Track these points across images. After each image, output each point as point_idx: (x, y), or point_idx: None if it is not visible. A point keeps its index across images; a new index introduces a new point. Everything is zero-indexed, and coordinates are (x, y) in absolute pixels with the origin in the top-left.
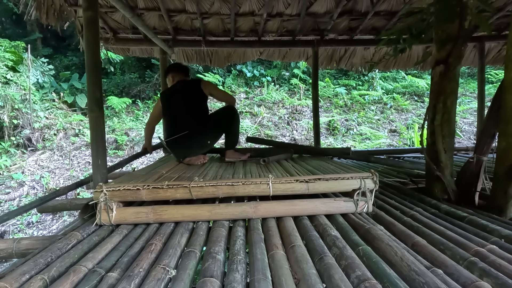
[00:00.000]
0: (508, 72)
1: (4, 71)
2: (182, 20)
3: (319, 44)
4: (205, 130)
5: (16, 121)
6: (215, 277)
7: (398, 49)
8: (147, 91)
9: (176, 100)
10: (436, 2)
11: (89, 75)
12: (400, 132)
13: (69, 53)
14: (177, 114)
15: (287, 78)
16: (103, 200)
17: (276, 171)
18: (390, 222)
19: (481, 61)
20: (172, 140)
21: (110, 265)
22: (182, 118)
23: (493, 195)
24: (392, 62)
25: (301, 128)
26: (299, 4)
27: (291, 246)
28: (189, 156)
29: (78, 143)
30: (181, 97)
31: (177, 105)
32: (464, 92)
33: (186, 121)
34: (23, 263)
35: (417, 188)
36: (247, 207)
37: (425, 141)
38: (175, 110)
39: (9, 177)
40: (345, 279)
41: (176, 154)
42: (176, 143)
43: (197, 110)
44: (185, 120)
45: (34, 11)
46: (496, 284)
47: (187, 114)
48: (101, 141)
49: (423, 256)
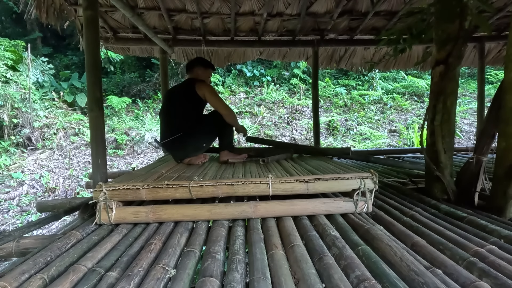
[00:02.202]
0: (508, 72)
1: (4, 70)
2: (182, 20)
3: (319, 44)
4: (199, 133)
5: (16, 120)
6: (214, 276)
7: (398, 49)
8: (147, 91)
9: (173, 100)
10: (436, 2)
11: (89, 74)
12: (400, 132)
13: (69, 52)
14: (171, 115)
15: (287, 78)
16: (103, 199)
17: (276, 171)
18: (390, 222)
19: (481, 61)
20: (169, 142)
21: (110, 265)
22: (176, 119)
23: (493, 196)
24: (392, 62)
25: (301, 128)
26: (299, 4)
27: (290, 246)
28: (187, 157)
29: (78, 143)
30: (177, 97)
31: (172, 105)
32: (464, 93)
33: (179, 123)
34: (23, 262)
35: (417, 188)
36: (246, 207)
37: (425, 141)
38: (169, 111)
39: (8, 176)
40: (344, 279)
41: (173, 156)
42: (173, 145)
43: (190, 112)
44: (179, 122)
45: (34, 10)
46: (496, 284)
47: (181, 116)
48: (101, 140)
49: (423, 256)
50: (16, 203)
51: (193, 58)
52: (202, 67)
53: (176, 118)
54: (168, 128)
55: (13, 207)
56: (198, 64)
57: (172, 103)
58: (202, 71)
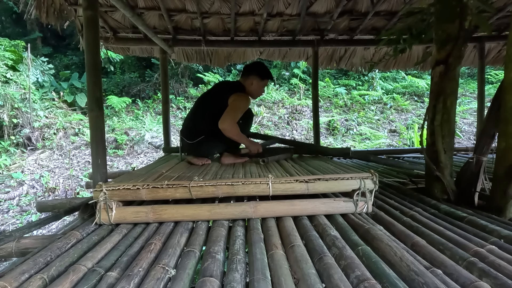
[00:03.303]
0: (508, 72)
1: (4, 70)
2: (182, 20)
3: (319, 44)
4: (220, 141)
5: (16, 120)
6: (214, 276)
7: (398, 49)
8: (147, 91)
9: (210, 97)
10: (436, 2)
11: (89, 74)
12: (400, 132)
13: (69, 52)
14: (201, 110)
15: (287, 78)
16: (103, 199)
17: (276, 171)
18: (390, 222)
19: (481, 61)
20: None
21: (110, 265)
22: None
23: (493, 196)
24: (392, 62)
25: (301, 128)
26: (299, 4)
27: (290, 246)
28: (193, 156)
29: (77, 143)
30: (214, 97)
31: (206, 101)
32: (464, 93)
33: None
34: (23, 262)
35: (417, 188)
36: (246, 207)
37: (425, 141)
38: (203, 104)
39: (8, 176)
40: (344, 279)
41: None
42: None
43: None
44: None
45: (34, 10)
46: (496, 285)
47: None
48: (100, 140)
49: (423, 256)
50: (16, 203)
51: (253, 62)
52: (258, 78)
53: (203, 118)
54: (192, 122)
55: (13, 207)
56: (254, 73)
57: (208, 98)
58: (257, 82)
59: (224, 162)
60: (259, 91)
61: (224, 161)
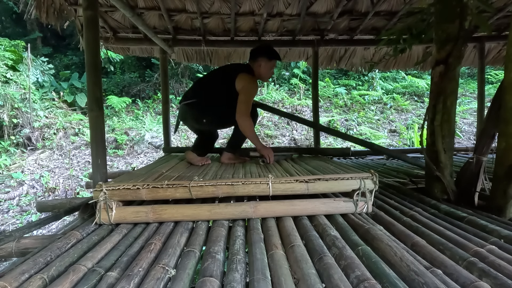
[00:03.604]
0: (508, 72)
1: (4, 70)
2: (182, 20)
3: (319, 44)
4: (210, 111)
5: (16, 120)
6: (214, 276)
7: (398, 49)
8: (147, 91)
9: (218, 74)
10: (436, 2)
11: (89, 74)
12: (400, 132)
13: (69, 52)
14: (206, 83)
15: (287, 78)
16: (103, 199)
17: (276, 171)
18: (390, 222)
19: (481, 61)
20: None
21: (110, 265)
22: (203, 88)
23: (493, 196)
24: (392, 62)
25: (301, 128)
26: (299, 4)
27: (290, 246)
28: (185, 121)
29: (77, 143)
30: (222, 76)
31: (213, 78)
32: (464, 93)
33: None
34: (23, 262)
35: (417, 188)
36: (246, 207)
37: (425, 141)
38: (210, 79)
39: (8, 176)
40: (344, 279)
41: (178, 115)
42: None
43: (221, 95)
44: (207, 94)
45: (34, 10)
46: (496, 285)
47: (212, 92)
48: (100, 140)
49: (423, 256)
50: (16, 203)
51: (259, 45)
52: (266, 58)
53: (208, 91)
54: (194, 91)
55: (13, 207)
56: (262, 55)
57: (216, 75)
58: (265, 63)
59: (223, 161)
60: (268, 72)
61: (223, 160)
